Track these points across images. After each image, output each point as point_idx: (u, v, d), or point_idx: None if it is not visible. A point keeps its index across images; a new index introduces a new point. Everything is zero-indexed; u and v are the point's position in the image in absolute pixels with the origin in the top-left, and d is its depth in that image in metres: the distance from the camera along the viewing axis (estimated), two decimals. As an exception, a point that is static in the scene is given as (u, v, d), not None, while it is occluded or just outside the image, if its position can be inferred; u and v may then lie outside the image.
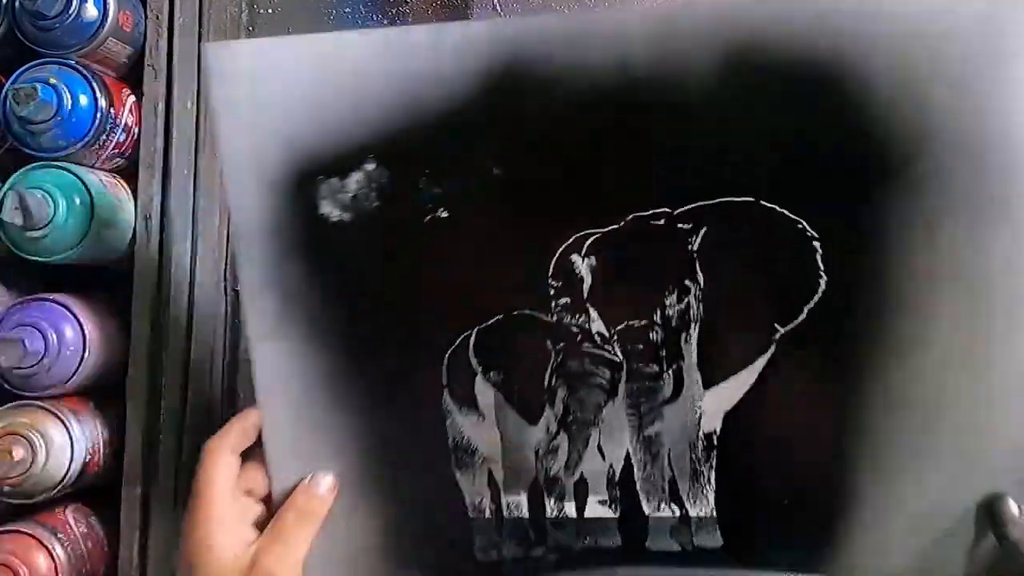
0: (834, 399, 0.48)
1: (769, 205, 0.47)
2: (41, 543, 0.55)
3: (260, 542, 0.48)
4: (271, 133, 0.48)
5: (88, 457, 0.57)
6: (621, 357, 0.50)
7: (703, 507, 0.50)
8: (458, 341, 0.50)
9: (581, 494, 0.51)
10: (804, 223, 0.47)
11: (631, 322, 0.49)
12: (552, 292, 0.49)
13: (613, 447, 0.50)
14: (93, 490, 0.61)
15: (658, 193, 0.48)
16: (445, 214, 0.49)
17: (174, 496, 0.61)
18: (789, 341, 0.48)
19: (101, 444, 0.59)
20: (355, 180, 0.49)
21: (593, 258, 0.49)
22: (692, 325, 0.49)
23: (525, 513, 0.51)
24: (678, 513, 0.50)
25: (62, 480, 0.56)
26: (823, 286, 0.47)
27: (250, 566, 0.47)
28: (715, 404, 0.49)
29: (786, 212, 0.47)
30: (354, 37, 0.50)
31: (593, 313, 0.49)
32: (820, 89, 0.46)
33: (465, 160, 0.48)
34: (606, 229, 0.49)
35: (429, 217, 0.49)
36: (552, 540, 0.51)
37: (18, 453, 0.54)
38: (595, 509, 0.51)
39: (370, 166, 0.49)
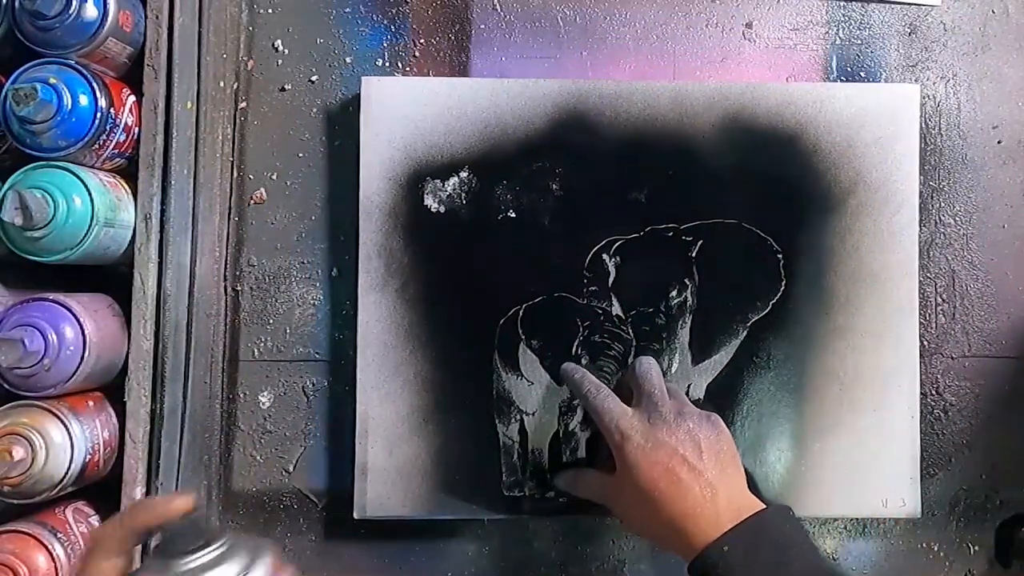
0: (788, 372, 0.66)
1: (748, 226, 0.66)
2: (41, 543, 0.55)
3: None
4: (399, 143, 0.66)
5: (88, 457, 0.57)
6: (632, 335, 0.66)
7: None
8: (509, 313, 0.66)
9: (593, 448, 0.65)
10: (771, 240, 0.66)
11: (642, 308, 0.66)
12: (585, 281, 0.66)
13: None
14: (93, 490, 0.61)
15: (669, 212, 0.66)
16: (513, 215, 0.66)
17: (174, 496, 0.61)
18: (757, 328, 0.66)
19: (101, 444, 0.59)
20: (452, 183, 0.66)
21: (618, 258, 0.66)
22: (687, 314, 0.66)
23: (546, 460, 0.65)
24: None
25: (62, 480, 0.56)
26: (783, 287, 0.66)
27: None
28: (701, 376, 0.66)
29: (759, 231, 0.66)
30: (466, 82, 0.67)
31: (614, 300, 0.66)
32: (784, 144, 0.67)
33: (532, 177, 0.66)
34: (629, 236, 0.66)
35: (501, 216, 0.66)
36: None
37: (18, 453, 0.54)
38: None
39: (464, 174, 0.66)
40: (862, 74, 0.69)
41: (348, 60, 0.68)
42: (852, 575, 0.67)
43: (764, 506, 0.55)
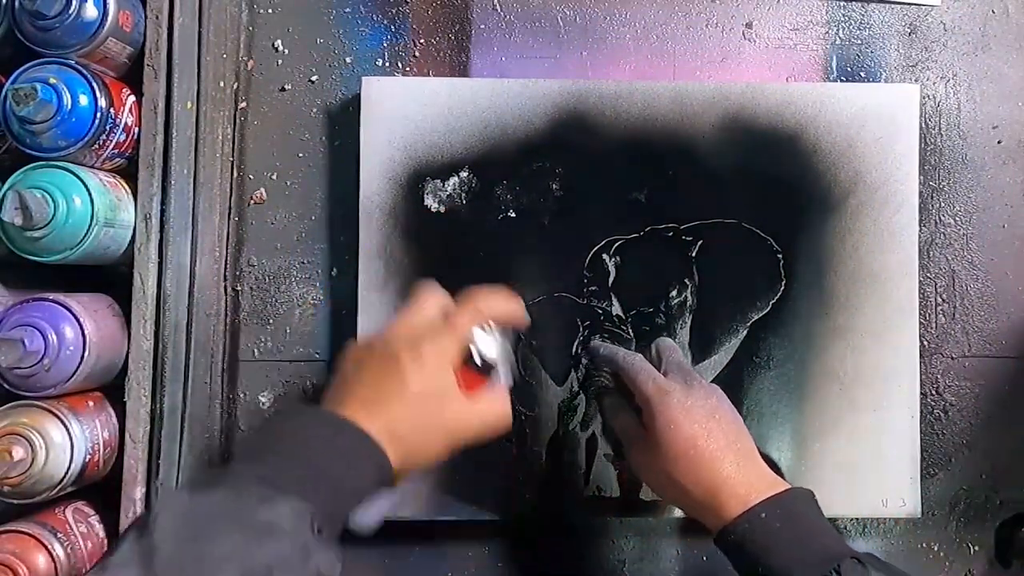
0: (788, 372, 0.66)
1: (748, 226, 0.66)
2: (41, 543, 0.55)
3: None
4: (399, 143, 0.66)
5: (88, 457, 0.57)
6: (632, 335, 0.65)
7: None
8: None
9: (591, 449, 0.65)
10: (771, 240, 0.66)
11: (642, 308, 0.66)
12: (585, 281, 0.66)
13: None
14: (93, 490, 0.61)
15: (669, 212, 0.66)
16: (513, 214, 0.66)
17: (174, 496, 0.61)
18: (757, 328, 0.66)
19: (101, 444, 0.59)
20: (452, 183, 0.66)
21: (618, 257, 0.66)
22: (687, 313, 0.66)
23: (543, 460, 0.65)
24: None
25: (62, 480, 0.56)
26: (783, 287, 0.66)
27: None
28: (701, 376, 0.62)
29: (759, 231, 0.66)
30: (466, 82, 0.67)
31: (614, 300, 0.66)
32: (784, 144, 0.66)
33: (532, 176, 0.66)
34: (629, 236, 0.66)
35: (502, 216, 0.66)
36: (563, 486, 0.65)
37: (18, 453, 0.54)
38: (601, 463, 0.65)
39: (464, 173, 0.66)
40: (862, 74, 0.69)
41: (348, 60, 0.68)
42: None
43: (789, 485, 0.55)
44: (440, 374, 0.52)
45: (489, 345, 0.54)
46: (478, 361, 0.54)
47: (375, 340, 0.54)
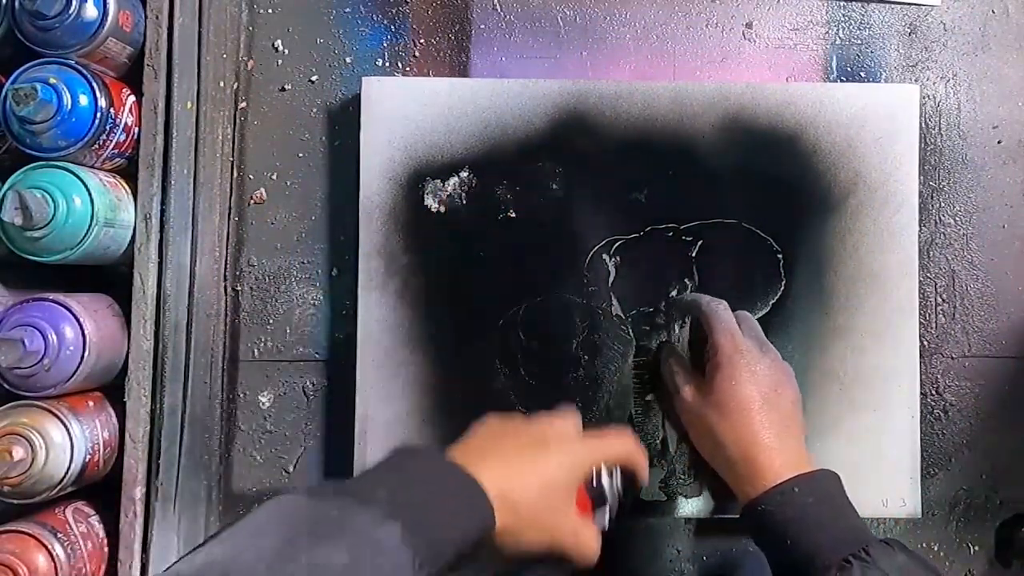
0: None
1: (748, 226, 0.66)
2: (41, 543, 0.55)
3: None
4: (399, 143, 0.66)
5: (88, 457, 0.57)
6: (632, 335, 0.66)
7: (687, 462, 0.65)
8: (510, 312, 0.65)
9: None
10: (771, 240, 0.66)
11: (642, 308, 0.66)
12: (584, 281, 0.66)
13: (619, 409, 0.66)
14: (93, 490, 0.61)
15: (669, 212, 0.66)
16: (513, 214, 0.66)
17: (174, 496, 0.61)
18: None
19: (101, 444, 0.59)
20: (452, 183, 0.66)
21: (618, 257, 0.66)
22: (688, 313, 0.66)
23: None
24: (666, 467, 0.65)
25: (62, 480, 0.56)
26: (783, 287, 0.66)
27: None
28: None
29: (759, 231, 0.66)
30: (466, 82, 0.67)
31: (614, 299, 0.66)
32: (784, 144, 0.66)
33: (532, 177, 0.66)
34: (629, 236, 0.66)
35: (501, 216, 0.66)
36: None
37: (18, 453, 0.54)
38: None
39: (464, 173, 0.66)
40: (862, 74, 0.69)
41: (348, 60, 0.68)
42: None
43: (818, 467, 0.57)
44: (572, 479, 0.52)
45: (609, 482, 0.56)
46: (606, 487, 0.55)
47: (521, 420, 0.55)
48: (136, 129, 0.61)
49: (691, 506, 0.65)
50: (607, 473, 0.56)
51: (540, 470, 0.51)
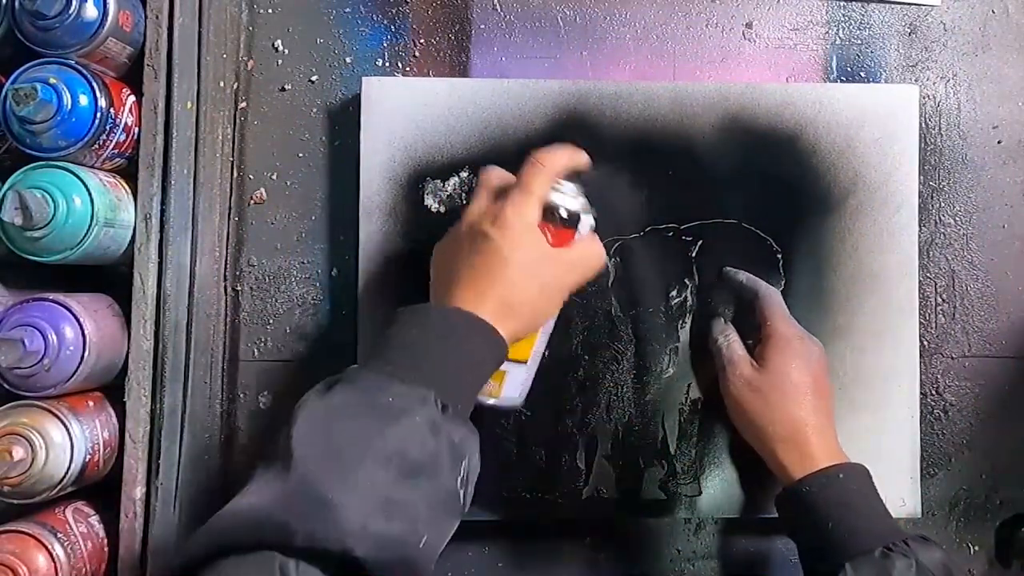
0: None
1: (748, 226, 0.66)
2: (41, 543, 0.55)
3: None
4: (399, 143, 0.66)
5: (88, 457, 0.57)
6: (632, 335, 0.66)
7: (687, 461, 0.65)
8: None
9: (591, 449, 0.66)
10: (771, 240, 0.66)
11: (642, 308, 0.66)
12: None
13: (619, 410, 0.66)
14: (93, 490, 0.61)
15: (669, 212, 0.66)
16: None
17: (174, 496, 0.61)
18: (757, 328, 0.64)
19: (101, 444, 0.59)
20: (452, 183, 0.66)
21: (618, 257, 0.66)
22: (687, 314, 0.66)
23: (543, 460, 0.65)
24: (666, 467, 0.65)
25: (62, 480, 0.56)
26: (782, 287, 0.66)
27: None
28: (701, 377, 0.66)
29: (759, 231, 0.66)
30: (466, 82, 0.67)
31: (614, 300, 0.66)
32: (784, 144, 0.67)
33: None
34: (629, 236, 0.66)
35: None
36: (563, 487, 0.65)
37: (18, 453, 0.54)
38: (600, 463, 0.65)
39: (464, 174, 0.66)
40: (862, 74, 0.69)
41: (348, 60, 0.68)
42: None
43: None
44: (529, 236, 0.54)
45: (566, 198, 0.57)
46: (564, 214, 0.57)
47: (456, 228, 0.56)
48: (136, 129, 0.61)
49: (691, 506, 0.65)
50: (558, 195, 0.57)
51: (502, 260, 0.53)
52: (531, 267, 0.54)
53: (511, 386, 0.58)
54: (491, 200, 0.56)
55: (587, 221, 0.58)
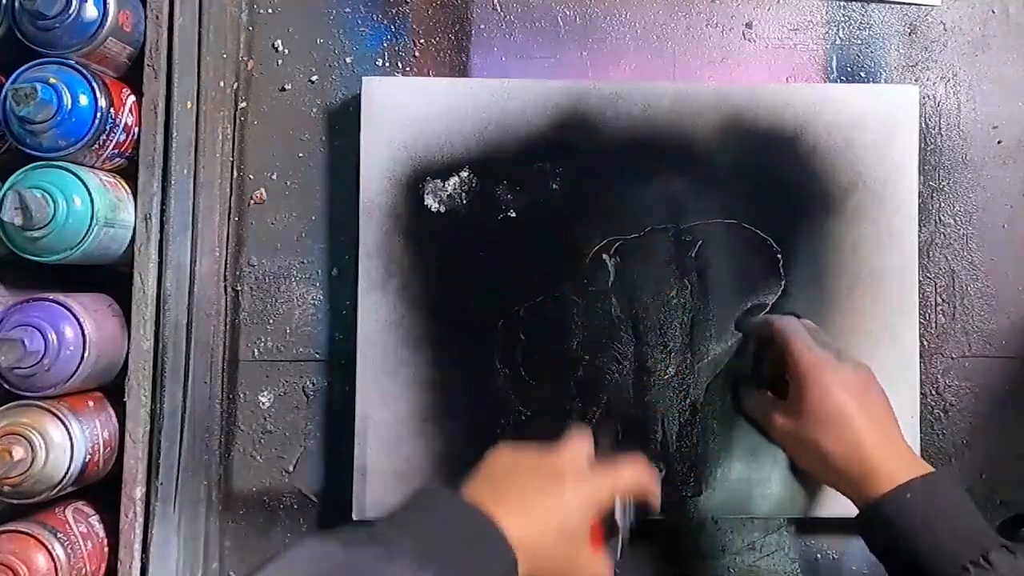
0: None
1: (748, 226, 0.66)
2: (41, 543, 0.55)
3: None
4: (399, 143, 0.66)
5: (88, 457, 0.57)
6: (632, 335, 0.66)
7: (687, 462, 0.65)
8: (511, 312, 0.65)
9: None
10: (771, 239, 0.66)
11: (642, 308, 0.66)
12: (585, 281, 0.66)
13: (619, 410, 0.66)
14: (93, 490, 0.61)
15: (669, 212, 0.66)
16: (514, 214, 0.66)
17: (174, 496, 0.61)
18: None
19: (101, 444, 0.59)
20: (452, 183, 0.66)
21: (618, 258, 0.66)
22: (688, 314, 0.66)
23: None
24: (666, 467, 0.65)
25: (62, 480, 0.56)
26: (782, 286, 0.66)
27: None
28: (701, 376, 0.66)
29: (759, 231, 0.66)
30: (466, 82, 0.67)
31: (614, 300, 0.66)
32: (784, 145, 0.66)
33: (533, 176, 0.66)
34: (629, 237, 0.66)
35: (501, 216, 0.66)
36: None
37: (18, 453, 0.54)
38: None
39: (464, 173, 0.66)
40: (862, 74, 0.70)
41: (348, 60, 0.68)
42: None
43: (930, 467, 0.56)
44: (588, 517, 0.52)
45: (622, 514, 0.55)
46: (618, 521, 0.55)
47: (532, 451, 0.53)
48: (136, 129, 0.61)
49: (692, 506, 0.65)
50: (620, 506, 0.55)
51: (558, 513, 0.50)
52: (571, 533, 0.51)
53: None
54: (577, 455, 0.54)
55: (619, 544, 0.56)
